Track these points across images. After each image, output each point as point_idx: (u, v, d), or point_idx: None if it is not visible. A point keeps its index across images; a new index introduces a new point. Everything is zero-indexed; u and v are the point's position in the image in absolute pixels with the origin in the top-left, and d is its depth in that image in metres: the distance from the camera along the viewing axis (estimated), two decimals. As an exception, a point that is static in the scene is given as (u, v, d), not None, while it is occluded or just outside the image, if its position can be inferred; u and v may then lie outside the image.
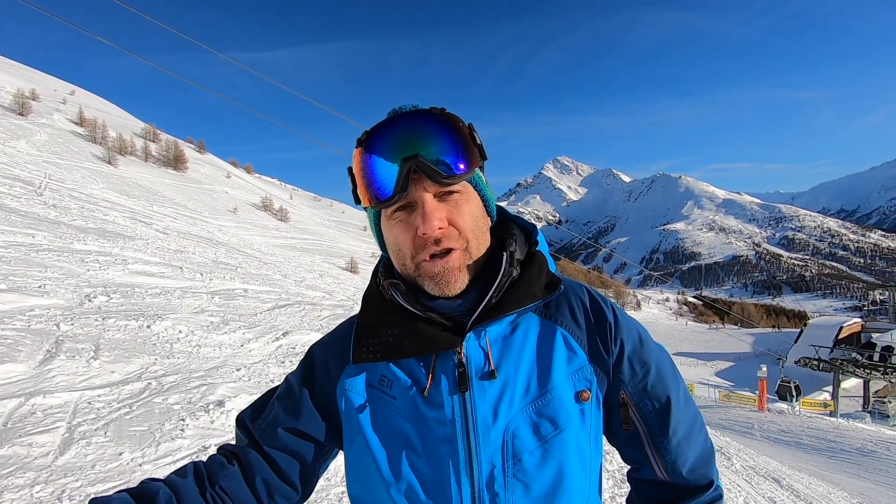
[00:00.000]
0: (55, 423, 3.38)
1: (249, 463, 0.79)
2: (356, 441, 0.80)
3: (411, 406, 0.77)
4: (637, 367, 0.82)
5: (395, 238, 0.76)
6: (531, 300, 0.78)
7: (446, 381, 0.76)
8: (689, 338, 65.39)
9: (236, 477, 0.78)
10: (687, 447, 0.83)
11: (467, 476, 0.73)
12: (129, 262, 9.22)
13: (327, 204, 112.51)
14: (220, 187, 56.20)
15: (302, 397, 0.84)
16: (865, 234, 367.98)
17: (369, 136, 0.73)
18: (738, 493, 6.08)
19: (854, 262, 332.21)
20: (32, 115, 40.90)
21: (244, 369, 5.40)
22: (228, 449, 0.83)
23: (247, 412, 0.87)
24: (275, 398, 0.86)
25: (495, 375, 0.75)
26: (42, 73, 78.16)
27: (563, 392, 0.77)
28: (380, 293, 0.83)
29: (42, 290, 6.22)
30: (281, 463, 0.80)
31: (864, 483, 11.05)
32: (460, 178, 0.73)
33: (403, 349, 0.77)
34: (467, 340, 0.76)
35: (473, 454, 0.73)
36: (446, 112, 0.74)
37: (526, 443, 0.74)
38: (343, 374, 0.83)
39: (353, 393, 0.81)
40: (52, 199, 14.55)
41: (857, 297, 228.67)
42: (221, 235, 23.12)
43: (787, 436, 15.68)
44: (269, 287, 11.37)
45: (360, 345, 0.80)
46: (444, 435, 0.75)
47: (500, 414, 0.75)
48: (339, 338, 0.87)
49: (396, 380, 0.79)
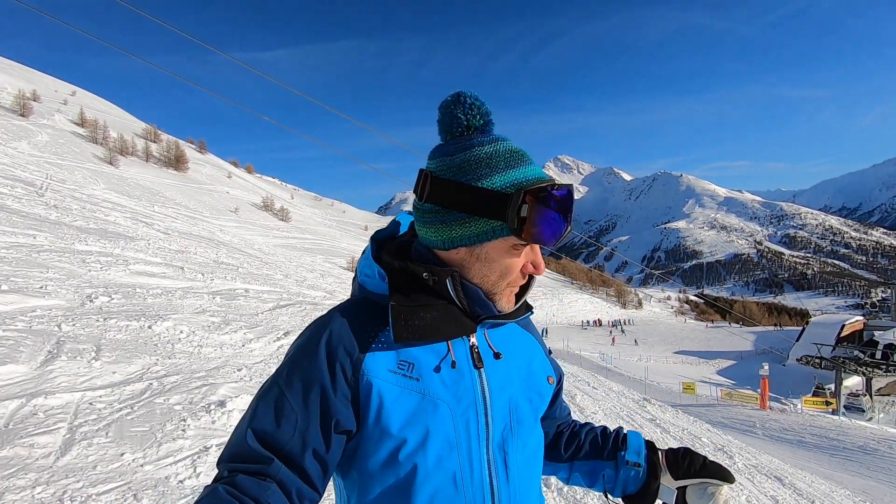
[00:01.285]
0: (56, 423, 3.38)
1: (282, 479, 0.77)
2: (382, 425, 0.83)
3: (434, 383, 0.87)
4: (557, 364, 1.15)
5: (510, 262, 0.89)
6: (520, 315, 0.98)
7: (466, 358, 0.90)
8: (691, 336, 65.27)
9: (277, 494, 0.76)
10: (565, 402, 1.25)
11: (484, 438, 0.88)
12: (131, 263, 9.23)
13: (328, 204, 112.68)
14: (221, 187, 56.26)
15: (327, 394, 0.81)
16: (867, 232, 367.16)
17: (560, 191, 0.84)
18: (741, 492, 6.06)
19: (856, 260, 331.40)
20: (33, 116, 40.98)
21: (245, 369, 5.40)
22: (250, 468, 0.78)
23: (267, 426, 0.81)
24: (292, 401, 0.82)
25: (500, 356, 0.93)
26: (43, 73, 78.30)
27: (542, 375, 1.03)
28: (418, 279, 0.89)
29: (43, 290, 6.23)
30: (311, 471, 0.80)
31: (866, 481, 11.03)
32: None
33: (441, 331, 0.87)
34: (478, 330, 0.93)
35: (490, 419, 0.89)
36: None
37: (524, 410, 0.95)
38: (363, 362, 0.85)
39: (377, 378, 0.84)
40: (54, 199, 14.58)
41: (859, 295, 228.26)
42: (222, 235, 23.14)
43: (790, 434, 15.65)
44: (270, 287, 11.38)
45: (400, 325, 0.85)
46: (467, 404, 0.87)
47: (504, 387, 0.93)
48: (353, 324, 0.87)
49: (417, 362, 0.87)
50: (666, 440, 7.89)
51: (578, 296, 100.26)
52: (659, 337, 63.06)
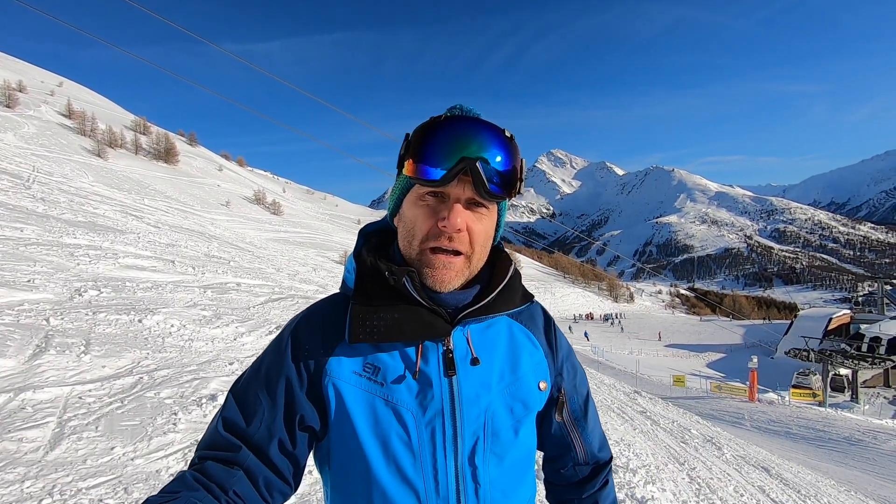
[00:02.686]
0: (45, 418, 3.35)
1: (249, 467, 0.78)
2: (342, 427, 0.82)
3: (399, 390, 0.82)
4: (570, 369, 1.00)
5: (416, 217, 0.81)
6: (512, 306, 0.90)
7: (436, 364, 0.83)
8: (682, 329, 65.92)
9: (244, 480, 0.77)
10: (596, 431, 1.05)
11: (452, 450, 0.82)
12: (120, 256, 9.14)
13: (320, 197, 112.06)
14: (212, 180, 55.75)
15: (292, 389, 0.82)
16: (855, 227, 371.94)
17: (448, 119, 0.78)
18: (729, 482, 6.16)
19: (844, 255, 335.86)
20: (19, 108, 40.29)
21: (237, 363, 5.38)
22: (220, 455, 0.79)
23: (234, 416, 0.82)
24: (259, 394, 0.83)
25: (478, 362, 0.85)
26: (29, 64, 76.88)
27: (529, 380, 0.91)
28: (378, 276, 0.84)
29: (31, 284, 6.15)
30: (278, 462, 0.80)
31: (851, 471, 11.23)
32: (497, 199, 0.80)
33: (403, 332, 0.81)
34: (455, 331, 0.84)
35: (458, 430, 0.82)
36: (514, 140, 0.81)
37: (502, 421, 0.86)
38: (328, 361, 0.83)
39: (340, 380, 0.82)
40: (41, 192, 14.37)
41: (846, 289, 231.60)
42: (214, 229, 22.97)
43: (777, 426, 15.90)
44: (262, 281, 11.32)
45: (358, 325, 0.81)
46: (434, 413, 0.82)
47: (480, 395, 0.84)
48: (322, 322, 0.87)
49: (384, 366, 0.83)
50: (656, 432, 7.99)
51: (570, 289, 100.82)
52: (650, 331, 63.58)
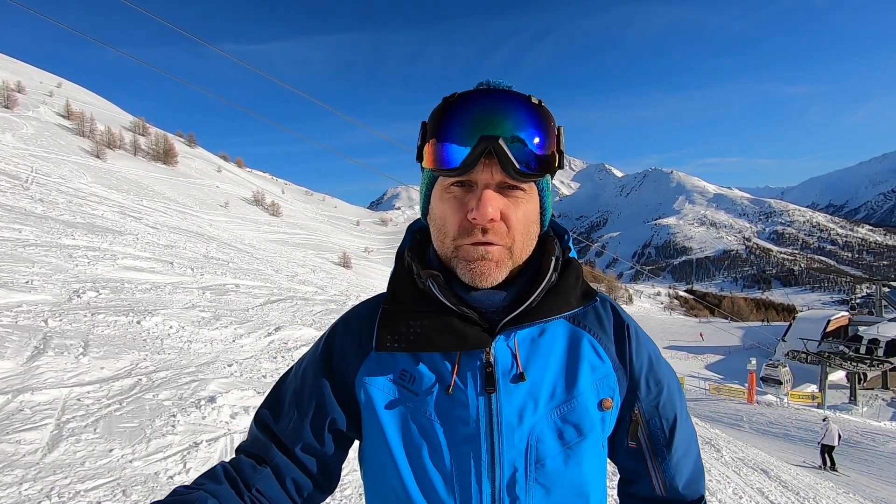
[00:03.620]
0: (43, 419, 3.34)
1: (277, 465, 0.77)
2: (375, 436, 0.77)
3: (434, 403, 0.74)
4: (652, 385, 0.82)
5: (444, 213, 0.72)
6: (567, 308, 0.76)
7: (472, 380, 0.74)
8: (681, 331, 65.97)
9: (270, 479, 0.76)
10: (685, 464, 0.85)
11: (489, 477, 0.72)
12: (119, 258, 9.12)
13: (319, 198, 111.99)
14: (211, 181, 55.70)
15: (323, 392, 0.80)
16: (853, 229, 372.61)
17: (460, 97, 0.69)
18: (728, 484, 6.17)
19: (842, 257, 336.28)
20: (18, 108, 40.22)
21: (236, 365, 5.37)
22: (252, 451, 0.79)
23: (266, 414, 0.82)
24: (292, 394, 0.82)
25: (524, 378, 0.73)
26: (28, 64, 76.79)
27: (588, 399, 0.76)
28: (409, 278, 0.78)
29: (30, 285, 6.14)
30: (307, 463, 0.79)
31: (849, 473, 11.25)
32: (531, 178, 0.69)
33: (432, 342, 0.73)
34: (497, 341, 0.74)
35: (497, 456, 0.72)
36: (544, 105, 0.70)
37: (549, 447, 0.73)
38: (362, 365, 0.79)
39: (373, 387, 0.77)
40: (39, 193, 14.35)
41: (844, 291, 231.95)
42: (212, 230, 22.95)
43: (776, 427, 15.92)
44: (260, 282, 11.31)
45: (385, 332, 0.76)
46: (467, 434, 0.73)
47: (525, 417, 0.73)
48: (359, 324, 0.83)
49: (419, 375, 0.75)
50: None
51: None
52: (649, 332, 63.39)
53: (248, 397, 4.44)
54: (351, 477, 3.47)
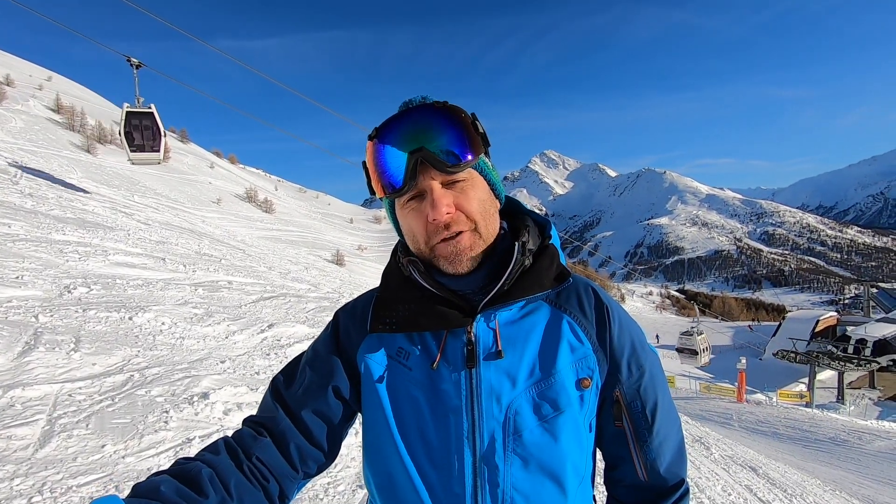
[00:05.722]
0: (35, 415, 3.32)
1: (282, 431, 0.83)
2: (373, 406, 0.85)
3: (425, 377, 0.83)
4: (634, 369, 0.87)
5: (410, 225, 0.82)
6: (540, 289, 0.83)
7: (455, 357, 0.82)
8: (672, 331, 66.41)
9: (270, 447, 0.81)
10: (666, 448, 0.89)
11: (469, 447, 0.79)
12: (110, 253, 9.04)
13: (313, 196, 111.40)
14: (204, 178, 55.24)
15: (331, 362, 0.88)
16: (843, 230, 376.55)
17: (379, 131, 0.78)
18: (717, 482, 6.24)
19: (831, 258, 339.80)
20: (7, 102, 39.61)
21: (229, 361, 5.35)
22: (256, 420, 0.86)
23: (280, 379, 0.90)
24: (304, 364, 0.91)
25: (502, 356, 0.80)
26: (17, 57, 75.71)
27: (566, 377, 0.82)
28: (399, 270, 0.89)
29: (20, 281, 6.08)
30: (312, 427, 0.85)
31: (836, 471, 11.41)
32: (464, 167, 0.78)
33: (418, 324, 0.83)
34: (477, 321, 0.82)
35: (476, 426, 0.79)
36: (448, 104, 0.78)
37: (527, 420, 0.80)
38: (363, 342, 0.89)
39: (373, 361, 0.86)
40: (29, 188, 14.18)
41: (833, 292, 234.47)
42: (205, 226, 22.80)
43: (765, 426, 16.08)
44: (253, 279, 11.26)
45: (378, 316, 0.87)
46: (452, 406, 0.81)
47: (503, 391, 0.80)
48: (360, 308, 0.93)
49: (413, 352, 0.85)
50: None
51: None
52: (641, 331, 63.97)
53: (241, 394, 4.44)
54: (344, 473, 3.48)
